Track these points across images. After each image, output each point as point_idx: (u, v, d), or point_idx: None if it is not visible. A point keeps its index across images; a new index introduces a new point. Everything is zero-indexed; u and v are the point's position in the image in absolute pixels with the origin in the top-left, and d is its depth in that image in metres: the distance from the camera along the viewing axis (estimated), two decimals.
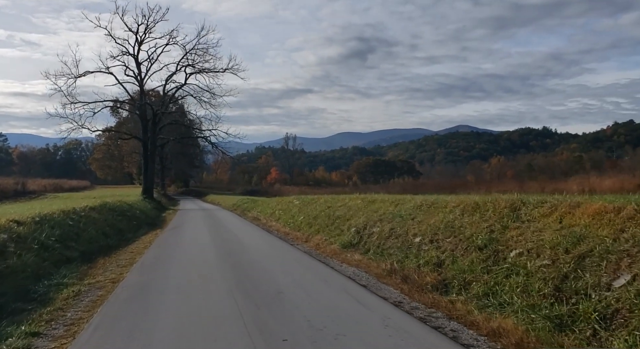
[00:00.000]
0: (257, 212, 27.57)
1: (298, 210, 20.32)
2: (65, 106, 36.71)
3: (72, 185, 65.64)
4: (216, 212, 33.85)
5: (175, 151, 76.92)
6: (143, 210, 27.59)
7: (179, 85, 38.78)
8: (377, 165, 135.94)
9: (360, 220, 13.15)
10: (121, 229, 18.10)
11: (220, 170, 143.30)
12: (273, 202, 27.40)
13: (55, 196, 44.16)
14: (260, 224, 22.10)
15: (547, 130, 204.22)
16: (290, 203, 23.43)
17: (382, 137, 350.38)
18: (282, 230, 18.25)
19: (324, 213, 16.83)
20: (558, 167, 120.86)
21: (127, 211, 22.38)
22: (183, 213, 33.19)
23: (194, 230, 19.33)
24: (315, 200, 20.10)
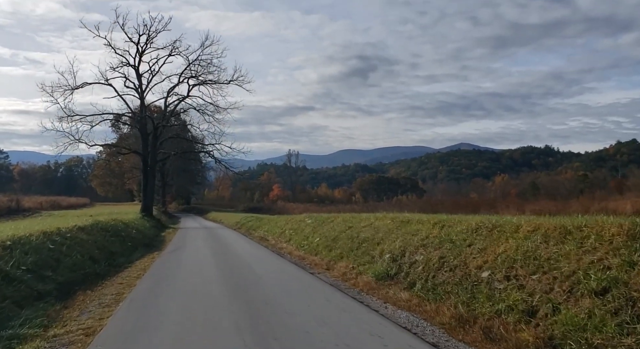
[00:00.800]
0: (264, 232, 25.28)
1: (312, 230, 18.05)
2: (62, 120, 34.72)
3: (70, 202, 63.38)
4: (219, 231, 31.55)
5: (177, 167, 74.82)
6: (141, 229, 25.31)
7: (181, 97, 36.82)
8: (380, 182, 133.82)
9: (396, 244, 10.89)
10: (113, 252, 15.82)
11: (222, 186, 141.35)
12: (281, 221, 25.13)
13: (50, 214, 41.88)
14: (268, 245, 19.80)
15: (550, 149, 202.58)
16: (301, 222, 21.16)
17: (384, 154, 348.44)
18: (296, 253, 15.95)
19: (344, 234, 14.56)
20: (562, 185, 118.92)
21: (122, 231, 20.11)
22: (184, 232, 30.90)
23: (196, 253, 17.03)
24: (331, 219, 17.84)
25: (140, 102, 36.21)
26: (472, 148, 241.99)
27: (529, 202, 26.45)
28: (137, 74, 36.02)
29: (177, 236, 26.71)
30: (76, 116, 34.79)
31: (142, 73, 36.14)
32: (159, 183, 79.80)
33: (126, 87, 35.39)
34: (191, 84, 36.23)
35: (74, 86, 34.03)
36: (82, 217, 34.04)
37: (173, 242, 22.81)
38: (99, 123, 35.44)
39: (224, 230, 33.51)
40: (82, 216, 38.38)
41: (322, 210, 49.28)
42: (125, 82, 35.10)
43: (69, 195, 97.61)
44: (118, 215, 37.47)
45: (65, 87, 33.75)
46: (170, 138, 40.51)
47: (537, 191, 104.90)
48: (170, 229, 34.30)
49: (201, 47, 35.15)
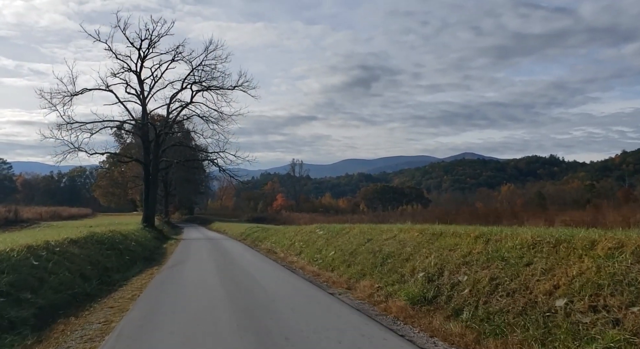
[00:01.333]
0: (271, 243, 23.76)
1: (325, 243, 16.52)
2: (61, 127, 33.41)
3: (71, 212, 62.02)
4: (223, 242, 30.04)
5: (180, 177, 73.47)
6: (141, 240, 23.82)
7: (184, 104, 35.45)
8: (385, 192, 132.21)
9: (429, 261, 9.37)
10: (107, 268, 14.32)
11: (226, 196, 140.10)
12: (290, 232, 23.60)
13: (49, 225, 40.50)
14: (277, 259, 18.28)
15: (555, 158, 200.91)
16: (312, 233, 19.64)
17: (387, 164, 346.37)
18: (309, 268, 14.43)
19: (364, 248, 13.04)
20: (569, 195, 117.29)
21: (120, 244, 18.61)
22: (187, 243, 29.41)
23: (199, 268, 15.52)
24: (346, 231, 16.31)
25: (142, 108, 34.88)
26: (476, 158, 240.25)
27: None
28: (138, 80, 34.75)
29: (180, 249, 25.23)
30: (75, 123, 33.51)
31: (144, 79, 34.90)
32: (162, 193, 78.35)
33: (127, 93, 34.13)
34: (194, 90, 34.95)
35: (73, 92, 32.78)
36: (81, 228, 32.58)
37: (175, 255, 21.31)
38: (100, 131, 34.12)
39: (228, 241, 32.00)
40: (81, 227, 36.91)
41: (329, 220, 47.76)
42: (126, 88, 33.85)
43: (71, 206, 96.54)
44: (119, 225, 36.05)
45: (64, 94, 32.50)
46: (173, 146, 39.14)
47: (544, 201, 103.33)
48: (173, 240, 32.83)
49: (205, 51, 33.93)
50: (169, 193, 76.23)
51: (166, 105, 35.76)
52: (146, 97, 35.07)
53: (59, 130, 33.36)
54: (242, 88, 34.51)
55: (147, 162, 35.03)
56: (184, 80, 34.94)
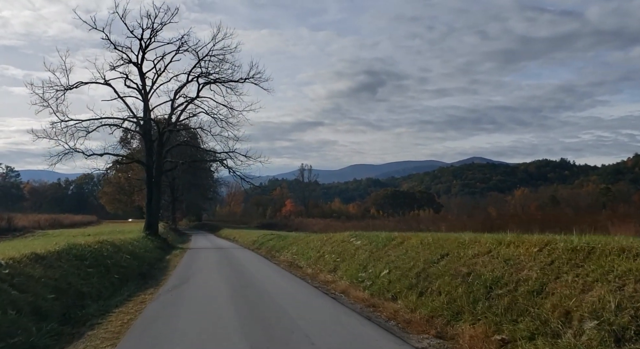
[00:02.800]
0: (292, 254, 19.79)
1: (369, 257, 12.53)
2: (55, 126, 29.71)
3: (74, 220, 58.29)
4: (235, 253, 26.13)
5: (187, 181, 69.69)
6: (138, 252, 19.92)
7: (189, 99, 31.67)
8: (396, 197, 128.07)
9: (599, 299, 5.40)
10: (82, 294, 10.40)
11: (234, 202, 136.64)
12: (314, 241, 19.58)
13: (44, 234, 36.75)
14: (306, 276, 14.30)
15: (565, 162, 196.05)
16: (345, 243, 15.64)
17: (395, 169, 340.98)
18: (355, 293, 10.42)
19: (439, 268, 9.01)
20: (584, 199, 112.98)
21: (109, 258, 14.67)
22: (193, 254, 25.53)
23: (207, 292, 11.57)
24: (398, 241, 12.28)
25: (143, 104, 31.11)
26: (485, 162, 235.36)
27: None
28: (140, 73, 30.99)
29: (185, 261, 21.33)
30: (71, 121, 29.80)
31: (146, 73, 31.12)
32: (169, 198, 74.52)
33: (127, 86, 30.36)
34: (201, 83, 31.12)
35: (67, 86, 29.06)
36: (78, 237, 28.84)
37: (178, 270, 17.39)
38: (97, 130, 30.40)
39: (240, 251, 28.07)
40: (79, 235, 33.12)
41: (346, 225, 43.70)
42: (125, 81, 30.05)
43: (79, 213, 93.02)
44: (119, 233, 32.21)
45: (57, 88, 28.80)
46: (178, 146, 35.34)
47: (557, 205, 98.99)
48: (178, 250, 28.95)
49: (212, 40, 30.11)
50: (176, 199, 72.47)
51: (170, 101, 31.98)
52: (148, 92, 31.33)
53: (53, 129, 29.71)
54: (253, 80, 30.70)
55: (149, 163, 31.21)
56: (190, 73, 31.18)
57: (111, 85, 30.17)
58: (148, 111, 30.97)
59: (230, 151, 32.54)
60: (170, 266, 19.48)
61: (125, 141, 57.68)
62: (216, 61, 30.45)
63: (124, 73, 29.91)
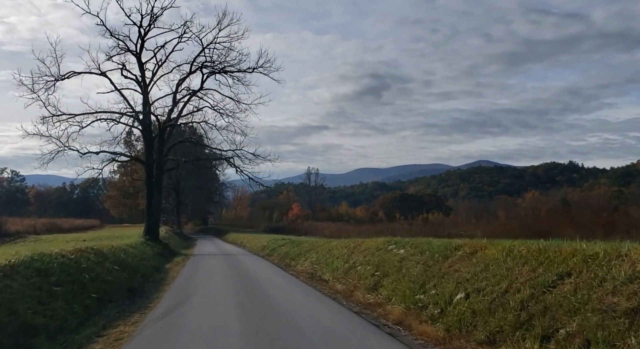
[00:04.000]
0: (312, 263, 16.58)
1: (426, 273, 9.29)
2: (46, 121, 26.71)
3: (75, 224, 55.27)
4: (243, 260, 22.95)
5: (192, 184, 66.64)
6: (131, 262, 16.74)
7: (193, 91, 28.54)
8: (404, 200, 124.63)
9: None
10: (33, 327, 7.24)
11: (240, 206, 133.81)
12: (337, 247, 16.32)
13: (37, 239, 33.79)
14: (337, 295, 11.09)
15: (574, 165, 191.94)
16: (383, 252, 12.41)
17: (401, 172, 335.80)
18: (425, 330, 7.22)
19: (574, 298, 5.83)
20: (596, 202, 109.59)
21: (87, 271, 11.47)
22: (197, 261, 22.40)
23: (212, 324, 8.33)
24: (463, 253, 9.08)
25: (142, 97, 28.03)
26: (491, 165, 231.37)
27: None
28: (138, 63, 27.92)
29: (187, 271, 18.19)
30: (63, 116, 26.78)
31: (145, 62, 28.06)
32: (173, 201, 71.48)
33: (124, 77, 27.28)
34: (205, 73, 28.02)
35: (58, 76, 26.04)
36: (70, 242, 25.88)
37: (177, 284, 14.24)
38: (92, 125, 27.38)
39: (249, 257, 24.90)
40: (72, 241, 30.05)
41: (360, 229, 40.51)
42: (122, 71, 26.99)
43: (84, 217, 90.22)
44: (119, 238, 29.16)
45: (47, 78, 25.80)
46: (181, 143, 32.22)
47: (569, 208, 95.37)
48: (181, 256, 25.82)
49: (217, 25, 26.98)
50: (180, 202, 69.44)
51: (172, 93, 28.89)
52: (148, 84, 28.26)
53: (44, 124, 26.71)
54: (262, 70, 27.57)
55: (149, 161, 28.12)
56: (193, 62, 28.04)
57: (107, 76, 27.18)
58: (148, 104, 27.89)
59: (237, 149, 29.44)
60: (168, 277, 16.32)
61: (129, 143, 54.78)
62: (221, 49, 27.40)
63: (120, 63, 26.86)
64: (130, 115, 28.09)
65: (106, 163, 27.32)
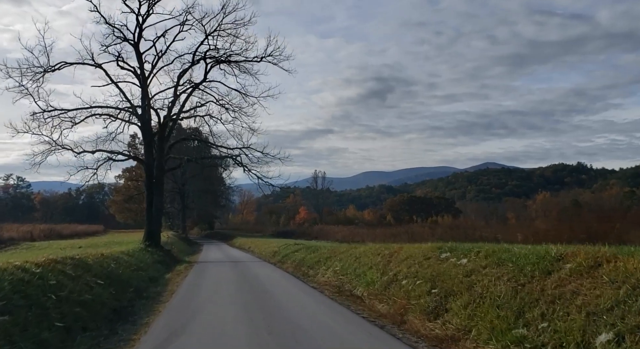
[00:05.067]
0: (336, 273, 13.78)
1: (516, 295, 6.48)
2: (36, 118, 24.15)
3: (76, 230, 52.63)
4: (254, 269, 20.16)
5: (198, 188, 64.05)
6: (123, 273, 14.00)
7: (196, 83, 25.86)
8: (412, 203, 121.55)
9: None
10: None
11: (247, 210, 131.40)
12: (367, 255, 13.49)
13: (30, 247, 31.20)
14: (382, 320, 8.33)
15: (582, 166, 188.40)
16: (433, 260, 9.62)
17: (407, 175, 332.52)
18: None
19: None
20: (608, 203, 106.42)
21: (54, 290, 8.66)
22: (202, 271, 19.67)
23: None
24: (587, 264, 6.30)
25: (141, 90, 25.41)
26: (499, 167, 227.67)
27: None
28: (137, 53, 25.32)
29: (189, 282, 15.46)
30: (54, 111, 24.20)
31: (144, 53, 25.45)
32: (179, 206, 68.86)
33: (120, 67, 24.66)
34: (209, 62, 25.32)
35: (47, 67, 23.46)
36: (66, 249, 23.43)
37: (175, 301, 11.49)
38: (86, 120, 24.78)
39: (260, 265, 22.12)
40: (68, 247, 27.45)
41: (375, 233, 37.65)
42: (117, 61, 24.35)
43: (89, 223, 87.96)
44: (117, 244, 26.58)
45: (35, 69, 23.22)
46: (184, 140, 29.53)
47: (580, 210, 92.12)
48: (184, 264, 23.11)
49: (222, 10, 24.33)
50: (186, 206, 66.83)
51: (173, 87, 26.24)
52: (147, 76, 25.65)
53: (34, 121, 24.14)
54: (271, 59, 24.87)
55: (149, 160, 25.45)
56: (195, 52, 25.40)
57: (103, 68, 24.55)
58: (147, 98, 25.24)
59: (244, 147, 26.72)
60: (166, 291, 13.57)
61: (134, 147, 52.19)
62: (226, 36, 24.71)
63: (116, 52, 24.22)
64: (128, 110, 25.45)
65: (102, 162, 24.63)
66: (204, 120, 26.06)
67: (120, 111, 25.45)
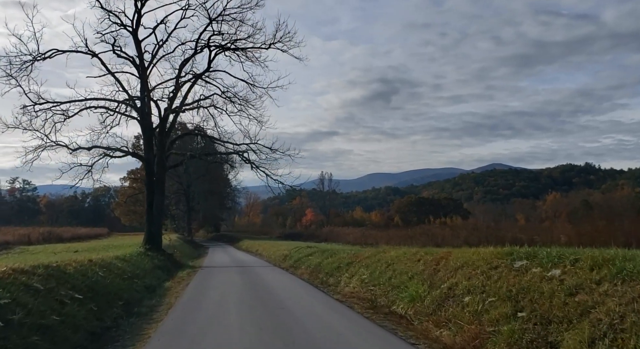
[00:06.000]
0: (363, 283, 11.43)
1: None
2: (27, 111, 21.97)
3: (78, 233, 50.46)
4: (265, 275, 17.80)
5: (203, 190, 61.85)
6: (112, 283, 11.72)
7: (199, 73, 23.57)
8: (420, 204, 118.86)
9: None
10: None
11: (253, 213, 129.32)
12: (402, 261, 11.13)
13: (24, 251, 28.99)
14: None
15: (590, 166, 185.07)
16: (501, 269, 7.30)
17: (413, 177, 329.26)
18: None
19: None
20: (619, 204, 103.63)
21: (4, 311, 6.52)
22: (206, 277, 17.39)
23: None
24: None
25: (140, 81, 23.19)
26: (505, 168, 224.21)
27: None
28: (135, 41, 23.10)
29: (190, 292, 13.16)
30: (46, 104, 22.02)
31: (142, 40, 23.22)
32: (184, 208, 66.64)
33: (116, 54, 22.43)
34: (213, 49, 23.04)
35: (37, 55, 21.27)
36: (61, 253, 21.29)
37: (170, 320, 9.17)
38: (80, 113, 22.58)
39: (270, 271, 19.76)
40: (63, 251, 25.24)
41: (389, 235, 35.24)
42: (113, 48, 22.12)
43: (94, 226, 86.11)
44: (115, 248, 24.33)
45: (23, 57, 21.04)
46: (186, 135, 27.27)
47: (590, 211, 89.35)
48: (186, 270, 20.79)
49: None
50: (191, 208, 64.62)
51: (174, 78, 23.99)
52: (147, 67, 23.41)
53: (25, 115, 21.97)
54: (280, 45, 22.55)
55: (149, 156, 23.20)
56: (199, 39, 23.13)
57: (98, 57, 22.32)
58: (146, 89, 23.00)
59: (252, 142, 24.43)
60: (162, 305, 11.27)
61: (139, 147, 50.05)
62: (231, 21, 22.43)
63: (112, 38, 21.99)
64: (126, 103, 23.22)
65: (97, 158, 22.40)
66: (208, 112, 23.71)
67: (118, 104, 23.22)
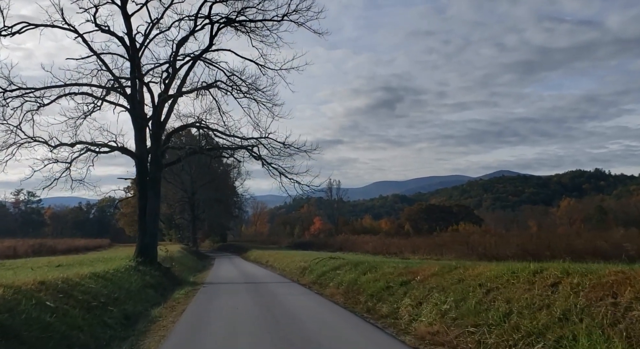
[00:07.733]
0: (445, 317, 7.27)
1: None
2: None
3: (76, 245, 46.30)
4: (284, 295, 13.56)
5: (209, 198, 57.74)
6: (70, 315, 7.64)
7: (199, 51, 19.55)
8: (431, 211, 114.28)
9: None
10: None
11: (260, 222, 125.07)
12: (507, 287, 7.09)
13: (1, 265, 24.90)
14: None
15: (600, 172, 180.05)
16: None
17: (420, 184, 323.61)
18: None
19: None
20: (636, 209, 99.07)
21: None
22: (209, 300, 13.24)
23: None
24: None
25: (130, 63, 19.21)
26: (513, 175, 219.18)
27: None
28: (124, 15, 19.14)
29: (186, 322, 9.05)
30: (18, 89, 18.05)
31: (132, 15, 19.24)
32: (189, 217, 62.61)
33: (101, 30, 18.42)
34: (215, 21, 19.01)
35: (2, 29, 17.35)
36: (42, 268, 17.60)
37: None
38: (57, 101, 18.58)
39: (288, 289, 15.53)
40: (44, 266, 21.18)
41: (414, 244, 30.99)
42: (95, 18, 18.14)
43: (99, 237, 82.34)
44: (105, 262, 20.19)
45: None
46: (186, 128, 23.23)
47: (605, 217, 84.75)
48: (185, 288, 16.62)
49: None
50: (196, 217, 60.48)
51: (169, 61, 19.96)
52: (139, 48, 19.42)
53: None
54: (296, 17, 18.54)
55: (142, 152, 19.12)
56: (198, 13, 19.13)
57: (78, 32, 18.36)
58: (137, 71, 18.97)
59: (262, 137, 20.32)
60: None
61: None
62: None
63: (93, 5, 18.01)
64: (115, 89, 19.20)
65: (77, 153, 18.37)
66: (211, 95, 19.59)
67: (103, 89, 19.21)
